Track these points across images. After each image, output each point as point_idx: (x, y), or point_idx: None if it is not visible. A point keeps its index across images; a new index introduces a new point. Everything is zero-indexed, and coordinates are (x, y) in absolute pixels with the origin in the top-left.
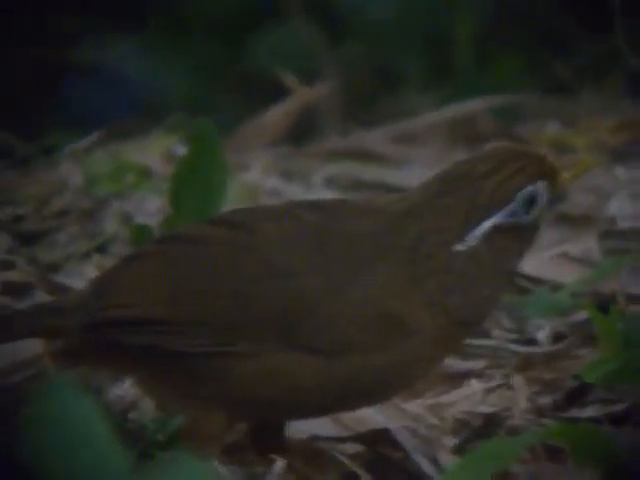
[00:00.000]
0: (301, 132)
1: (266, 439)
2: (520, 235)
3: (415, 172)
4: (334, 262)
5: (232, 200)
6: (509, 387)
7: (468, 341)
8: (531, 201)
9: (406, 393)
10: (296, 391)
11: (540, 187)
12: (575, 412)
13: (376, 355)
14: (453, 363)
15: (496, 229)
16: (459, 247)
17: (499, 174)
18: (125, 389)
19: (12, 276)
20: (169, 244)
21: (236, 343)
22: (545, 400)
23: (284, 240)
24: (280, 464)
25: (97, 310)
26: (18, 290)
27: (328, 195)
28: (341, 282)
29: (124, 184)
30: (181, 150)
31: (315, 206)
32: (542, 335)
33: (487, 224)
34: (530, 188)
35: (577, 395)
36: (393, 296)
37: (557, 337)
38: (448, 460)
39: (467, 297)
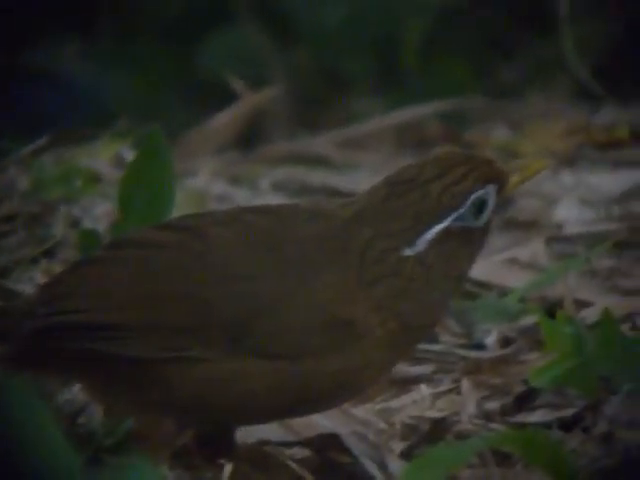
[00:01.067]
0: (249, 137)
1: (214, 444)
2: (470, 239)
3: (363, 177)
4: (284, 266)
5: (180, 205)
6: (457, 392)
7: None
8: (481, 205)
9: (352, 399)
10: (249, 396)
11: (490, 191)
12: (523, 417)
13: (327, 360)
14: (401, 368)
15: (445, 233)
16: (408, 252)
17: (446, 178)
18: (74, 393)
19: None
20: (119, 249)
21: (188, 348)
22: (493, 405)
23: (234, 244)
24: (228, 469)
25: (46, 315)
26: None
27: (276, 200)
28: (291, 286)
29: (72, 189)
30: (129, 155)
31: (264, 211)
32: (490, 340)
33: (436, 228)
34: (480, 192)
35: (525, 400)
36: (342, 300)
37: (505, 342)
38: (396, 465)
39: (417, 301)
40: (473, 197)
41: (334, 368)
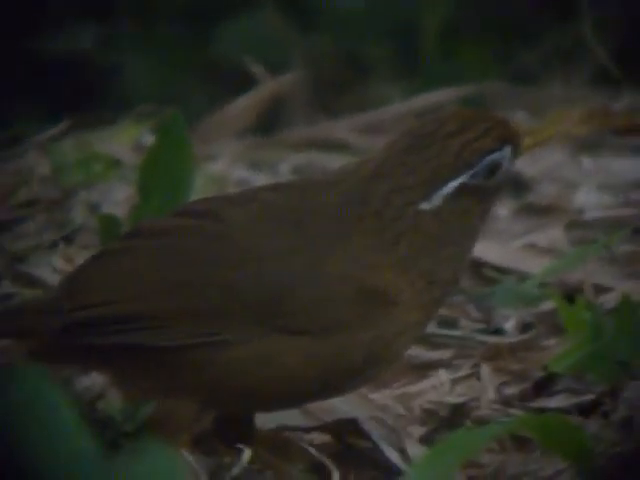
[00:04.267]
0: (269, 122)
1: (234, 429)
2: (482, 197)
3: None
4: (306, 241)
5: (200, 190)
6: (476, 377)
7: (435, 331)
8: (495, 165)
9: (373, 383)
10: (283, 376)
11: (506, 152)
12: (542, 402)
13: (361, 330)
14: (420, 353)
15: (460, 189)
16: (425, 206)
17: (466, 134)
18: (92, 380)
19: None
20: (139, 238)
21: (219, 332)
22: (512, 390)
23: (254, 224)
24: (247, 454)
25: (73, 310)
26: None
27: None
28: (315, 260)
29: (92, 174)
30: (149, 140)
31: (279, 187)
32: (509, 325)
33: (453, 184)
34: (498, 154)
35: (544, 385)
36: (369, 268)
37: (524, 327)
38: (416, 450)
39: (438, 256)
40: (491, 156)
41: (368, 339)
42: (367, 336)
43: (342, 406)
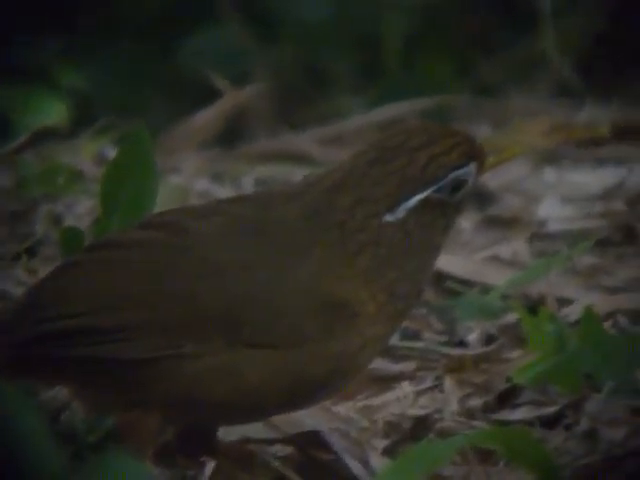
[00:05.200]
0: (231, 134)
1: (196, 441)
2: (445, 212)
3: None
4: (267, 253)
5: (162, 203)
6: (440, 389)
7: (398, 343)
8: (462, 181)
9: (336, 395)
10: (246, 388)
11: (471, 169)
12: (506, 414)
13: (324, 343)
14: (383, 365)
15: (424, 203)
16: (389, 218)
17: (432, 148)
18: (56, 391)
19: None
20: (101, 251)
21: (182, 345)
22: (476, 402)
23: (218, 237)
24: (210, 467)
25: (34, 323)
26: None
27: None
28: (279, 272)
29: (54, 186)
30: (111, 152)
31: (241, 200)
32: (472, 337)
33: (418, 197)
34: (463, 170)
35: (508, 397)
36: (332, 280)
37: (487, 339)
38: (379, 462)
39: (401, 269)
40: (456, 172)
41: (331, 352)
42: (330, 349)
43: (305, 418)
